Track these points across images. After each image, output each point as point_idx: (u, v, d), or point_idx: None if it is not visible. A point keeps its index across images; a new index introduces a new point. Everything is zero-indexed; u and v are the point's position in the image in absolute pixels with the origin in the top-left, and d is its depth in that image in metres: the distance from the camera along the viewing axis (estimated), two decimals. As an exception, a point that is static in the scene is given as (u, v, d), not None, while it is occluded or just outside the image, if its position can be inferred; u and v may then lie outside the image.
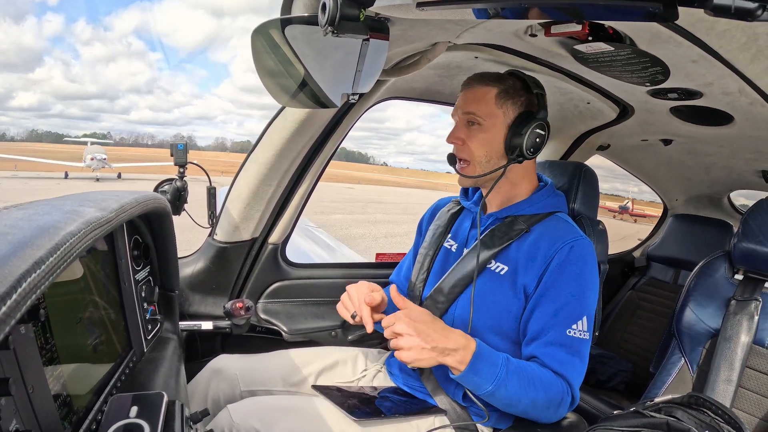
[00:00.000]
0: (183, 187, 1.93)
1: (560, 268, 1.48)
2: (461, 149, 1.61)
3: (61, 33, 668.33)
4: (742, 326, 1.69)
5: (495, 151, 1.57)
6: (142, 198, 1.24)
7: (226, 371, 1.71)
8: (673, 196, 3.77)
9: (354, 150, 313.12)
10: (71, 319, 1.06)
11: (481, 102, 1.56)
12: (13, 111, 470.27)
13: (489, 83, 1.56)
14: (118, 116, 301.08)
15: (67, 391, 0.97)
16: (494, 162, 1.59)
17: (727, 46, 1.26)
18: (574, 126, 2.59)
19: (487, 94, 1.56)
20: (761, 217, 1.74)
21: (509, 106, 1.56)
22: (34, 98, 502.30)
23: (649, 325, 3.32)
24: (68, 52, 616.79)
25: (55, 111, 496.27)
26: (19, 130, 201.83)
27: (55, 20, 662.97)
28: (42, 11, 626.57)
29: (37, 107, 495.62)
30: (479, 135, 1.57)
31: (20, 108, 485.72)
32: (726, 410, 1.25)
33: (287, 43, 1.26)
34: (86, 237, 0.77)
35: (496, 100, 1.55)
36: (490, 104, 1.55)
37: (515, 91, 1.56)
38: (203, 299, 2.10)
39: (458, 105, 1.61)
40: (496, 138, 1.56)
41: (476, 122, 1.57)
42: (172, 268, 1.68)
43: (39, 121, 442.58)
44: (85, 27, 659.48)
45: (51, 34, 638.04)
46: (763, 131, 2.01)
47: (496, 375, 1.37)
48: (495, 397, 1.39)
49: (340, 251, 4.34)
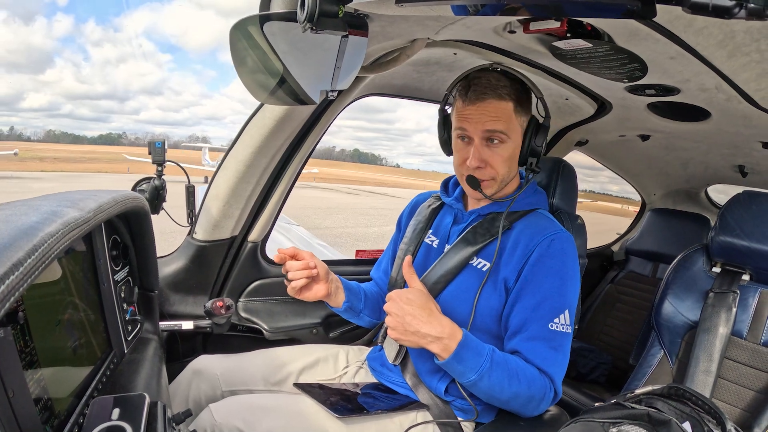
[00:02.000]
0: (161, 185, 1.91)
1: (540, 261, 1.48)
2: (484, 172, 1.53)
3: (71, 34, 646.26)
4: (720, 318, 1.71)
5: (515, 165, 1.56)
6: (120, 197, 1.22)
7: (206, 372, 1.69)
8: (651, 190, 3.82)
9: (367, 151, 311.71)
10: (50, 321, 1.04)
11: (503, 119, 1.48)
12: (24, 111, 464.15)
13: (505, 96, 1.47)
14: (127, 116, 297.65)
15: (47, 395, 0.95)
16: (512, 174, 1.58)
17: (704, 43, 1.27)
18: (552, 122, 2.59)
19: (507, 108, 1.48)
20: (738, 211, 1.76)
21: (523, 116, 1.53)
22: (45, 99, 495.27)
23: (628, 318, 3.36)
24: (78, 53, 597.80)
25: (65, 111, 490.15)
26: (35, 130, 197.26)
27: (65, 21, 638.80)
28: (52, 12, 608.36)
29: (48, 107, 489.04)
30: (503, 153, 1.51)
31: (31, 108, 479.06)
32: (706, 401, 1.26)
33: (266, 40, 1.25)
34: (64, 237, 0.76)
35: (515, 115, 1.50)
36: (511, 119, 1.49)
37: (524, 98, 1.52)
38: (183, 299, 2.08)
39: (474, 121, 1.49)
40: (516, 152, 1.54)
41: (498, 139, 1.50)
42: (152, 268, 1.66)
43: (49, 121, 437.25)
44: (95, 28, 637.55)
45: (61, 34, 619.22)
46: (740, 127, 2.04)
47: (480, 365, 1.38)
48: (477, 387, 1.41)
49: (318, 248, 4.34)
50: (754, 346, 1.66)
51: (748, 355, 1.67)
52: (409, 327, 1.37)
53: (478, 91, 1.48)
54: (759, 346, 1.66)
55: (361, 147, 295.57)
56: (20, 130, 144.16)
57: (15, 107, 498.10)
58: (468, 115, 1.49)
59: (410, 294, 1.41)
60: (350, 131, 77.98)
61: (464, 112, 1.50)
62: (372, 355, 1.82)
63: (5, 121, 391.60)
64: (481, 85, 1.47)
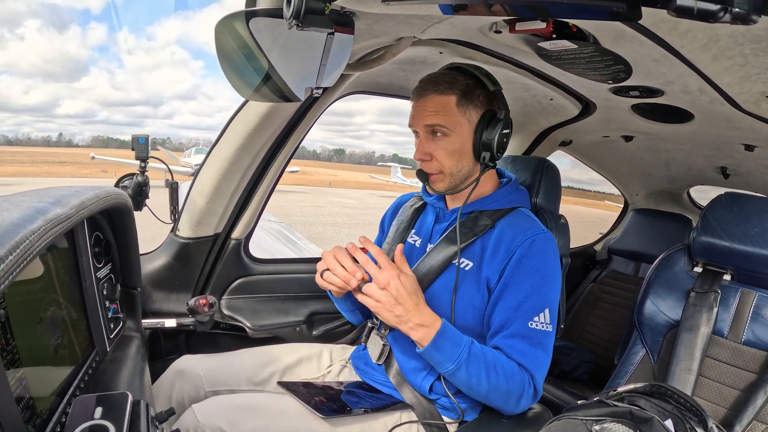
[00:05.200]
0: (144, 182, 1.89)
1: (521, 261, 1.49)
2: (430, 165, 1.57)
3: (105, 43, 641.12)
4: (701, 317, 1.73)
5: (465, 159, 1.56)
6: (102, 194, 1.21)
7: (189, 372, 1.68)
8: (633, 191, 3.84)
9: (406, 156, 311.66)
10: (32, 319, 1.03)
11: (442, 113, 1.52)
12: (59, 118, 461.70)
13: (446, 90, 1.52)
14: (161, 121, 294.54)
15: (29, 394, 0.94)
16: (466, 169, 1.58)
17: (688, 46, 1.28)
18: (537, 122, 2.62)
19: (447, 103, 1.52)
20: (720, 212, 1.78)
21: (471, 109, 1.53)
22: (81, 106, 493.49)
23: (610, 317, 3.39)
24: (113, 61, 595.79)
25: (100, 117, 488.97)
26: (83, 137, 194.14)
27: (99, 29, 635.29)
28: (85, 20, 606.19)
29: (83, 114, 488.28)
30: (447, 147, 1.54)
31: (66, 115, 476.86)
32: (687, 398, 1.27)
33: (251, 36, 1.24)
34: (46, 234, 0.75)
35: (458, 108, 1.52)
36: (453, 113, 1.52)
37: (473, 91, 1.53)
38: (166, 296, 2.06)
39: (416, 116, 1.56)
40: (465, 145, 1.55)
41: (441, 132, 1.53)
42: (134, 265, 1.65)
43: (85, 127, 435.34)
44: (128, 36, 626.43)
45: (95, 43, 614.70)
46: (722, 129, 2.06)
47: (458, 355, 1.41)
48: (456, 378, 1.44)
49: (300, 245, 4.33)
50: (735, 345, 1.68)
51: (729, 354, 1.69)
52: (395, 308, 1.40)
53: (420, 87, 1.56)
54: (740, 345, 1.68)
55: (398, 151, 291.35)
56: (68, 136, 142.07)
57: (51, 114, 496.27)
58: (413, 111, 1.58)
59: (405, 278, 1.43)
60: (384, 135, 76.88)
61: (412, 108, 1.58)
62: (356, 353, 1.82)
63: (43, 127, 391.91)
64: (424, 82, 1.56)
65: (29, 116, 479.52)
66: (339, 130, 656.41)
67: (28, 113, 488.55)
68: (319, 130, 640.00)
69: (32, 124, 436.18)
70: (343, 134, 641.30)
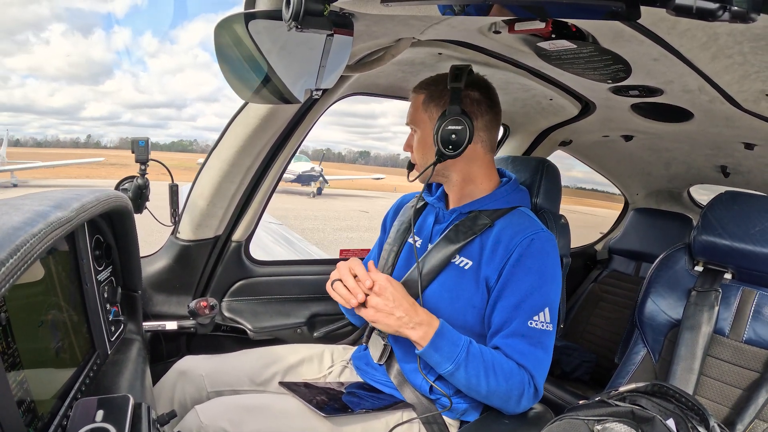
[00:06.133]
0: (145, 184, 1.89)
1: (520, 261, 1.50)
2: (412, 156, 1.69)
3: (129, 46, 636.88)
4: (702, 316, 1.73)
5: (429, 153, 1.61)
6: (103, 196, 1.21)
7: (191, 373, 1.68)
8: (633, 190, 3.84)
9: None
10: (33, 322, 1.03)
11: (412, 110, 1.64)
12: (84, 120, 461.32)
13: (419, 90, 1.63)
14: (185, 123, 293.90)
15: (30, 397, 0.94)
16: (430, 161, 1.60)
17: (687, 45, 1.28)
18: (536, 122, 2.62)
19: (416, 101, 1.63)
20: (720, 210, 1.78)
21: (433, 108, 1.59)
22: (105, 108, 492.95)
23: (611, 317, 3.38)
24: (137, 64, 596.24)
25: (125, 119, 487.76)
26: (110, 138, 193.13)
27: (123, 33, 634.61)
28: (109, 24, 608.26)
29: (108, 116, 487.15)
30: (417, 140, 1.65)
31: (91, 117, 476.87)
32: (689, 398, 1.27)
33: (251, 38, 1.24)
34: (47, 237, 0.75)
35: (423, 105, 1.61)
36: (418, 110, 1.62)
37: (440, 92, 1.58)
38: (167, 299, 2.06)
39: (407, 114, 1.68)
40: (428, 141, 1.59)
41: (412, 128, 1.66)
42: (135, 268, 1.64)
43: (109, 128, 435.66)
44: (151, 40, 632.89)
45: (119, 47, 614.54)
46: (722, 128, 2.06)
47: (456, 355, 1.42)
48: (456, 378, 1.44)
49: (301, 247, 4.33)
50: (737, 344, 1.68)
51: (731, 353, 1.69)
52: (394, 311, 1.42)
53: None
54: (741, 343, 1.67)
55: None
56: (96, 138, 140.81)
57: (76, 116, 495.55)
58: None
59: (396, 284, 1.46)
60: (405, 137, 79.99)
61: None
62: (357, 354, 1.82)
63: (68, 129, 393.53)
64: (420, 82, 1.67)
65: (54, 119, 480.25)
66: (362, 132, 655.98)
67: (54, 116, 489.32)
68: (342, 132, 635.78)
69: (57, 126, 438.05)
70: (366, 136, 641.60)
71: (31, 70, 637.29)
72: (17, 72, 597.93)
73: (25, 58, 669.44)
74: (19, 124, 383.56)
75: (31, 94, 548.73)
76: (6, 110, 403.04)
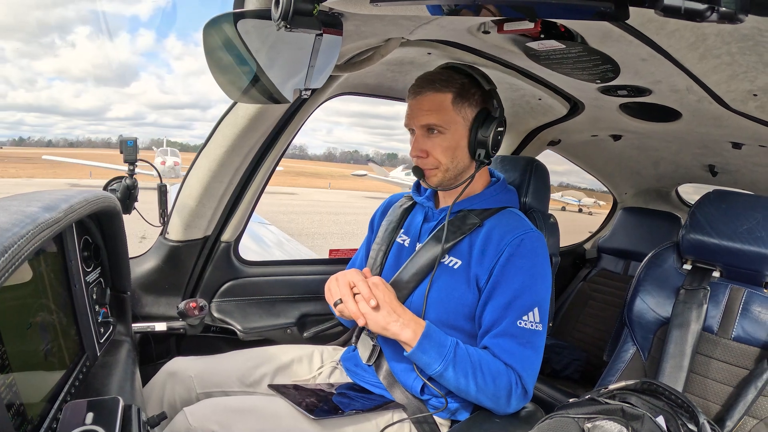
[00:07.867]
0: (133, 185, 1.87)
1: (510, 261, 1.50)
2: (426, 161, 1.58)
3: (154, 49, 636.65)
4: (691, 314, 1.74)
5: (460, 155, 1.57)
6: (91, 197, 1.21)
7: (181, 374, 1.67)
8: (622, 189, 3.86)
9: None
10: (22, 324, 1.02)
11: (438, 111, 1.53)
12: (110, 121, 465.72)
13: (442, 89, 1.53)
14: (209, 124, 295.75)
15: (20, 400, 0.94)
16: (461, 165, 1.59)
17: (676, 45, 1.29)
18: (525, 122, 2.63)
19: (443, 101, 1.53)
20: (708, 209, 1.79)
21: (466, 108, 1.54)
22: (130, 109, 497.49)
23: (601, 315, 3.40)
24: (162, 67, 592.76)
25: (149, 120, 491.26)
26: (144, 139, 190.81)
27: (147, 35, 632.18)
28: (135, 27, 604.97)
29: (133, 117, 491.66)
30: (442, 144, 1.55)
31: (117, 118, 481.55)
32: (679, 395, 1.28)
33: (239, 38, 1.23)
34: (35, 238, 0.75)
35: (453, 105, 1.53)
36: (448, 111, 1.53)
37: (468, 90, 1.54)
38: (156, 300, 2.05)
39: (412, 115, 1.57)
40: (460, 143, 1.56)
41: (437, 130, 1.54)
42: (124, 269, 1.64)
43: (134, 129, 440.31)
44: (175, 43, 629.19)
45: (144, 49, 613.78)
46: (710, 127, 2.08)
47: (444, 355, 1.42)
48: (444, 378, 1.44)
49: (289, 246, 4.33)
50: (725, 342, 1.69)
51: (720, 350, 1.70)
52: (384, 308, 1.42)
53: (417, 85, 1.57)
54: (730, 341, 1.69)
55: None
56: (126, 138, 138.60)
57: (101, 117, 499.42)
58: (409, 110, 1.59)
59: (387, 285, 1.48)
60: None
61: (408, 106, 1.58)
62: (346, 355, 1.81)
63: (94, 130, 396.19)
64: (421, 80, 1.57)
65: (80, 120, 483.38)
66: (386, 134, 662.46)
67: (80, 117, 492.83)
68: (366, 134, 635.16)
69: (84, 127, 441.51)
70: (390, 138, 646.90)
71: (57, 72, 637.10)
72: (44, 74, 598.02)
73: (51, 61, 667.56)
74: (47, 125, 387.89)
75: (57, 96, 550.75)
76: (34, 111, 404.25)
